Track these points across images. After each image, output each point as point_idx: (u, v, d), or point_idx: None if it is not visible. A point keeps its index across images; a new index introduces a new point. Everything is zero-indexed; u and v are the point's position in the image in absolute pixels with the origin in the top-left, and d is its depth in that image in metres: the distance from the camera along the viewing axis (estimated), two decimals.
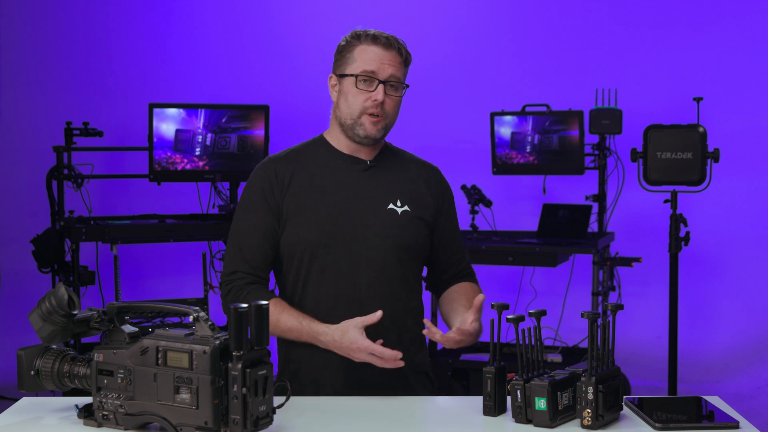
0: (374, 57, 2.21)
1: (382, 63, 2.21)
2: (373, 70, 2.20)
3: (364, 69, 2.21)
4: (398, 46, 2.24)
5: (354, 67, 2.22)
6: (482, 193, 4.97)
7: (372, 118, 2.22)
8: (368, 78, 2.21)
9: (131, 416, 1.74)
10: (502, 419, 1.90)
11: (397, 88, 2.24)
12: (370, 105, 2.21)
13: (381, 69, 2.21)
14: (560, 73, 5.65)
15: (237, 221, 2.29)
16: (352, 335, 2.07)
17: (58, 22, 5.77)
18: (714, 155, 3.99)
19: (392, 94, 2.23)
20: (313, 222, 2.23)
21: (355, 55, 2.23)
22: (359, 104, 2.22)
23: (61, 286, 1.82)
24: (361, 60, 2.21)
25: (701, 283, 5.48)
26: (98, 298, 4.66)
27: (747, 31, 5.46)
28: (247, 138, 4.78)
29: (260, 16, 5.92)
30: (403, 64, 2.26)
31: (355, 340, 2.07)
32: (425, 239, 2.31)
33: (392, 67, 2.22)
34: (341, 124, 2.27)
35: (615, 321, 1.84)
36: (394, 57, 2.22)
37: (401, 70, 2.25)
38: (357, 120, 2.23)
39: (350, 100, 2.23)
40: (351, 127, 2.25)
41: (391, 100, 2.23)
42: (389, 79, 2.22)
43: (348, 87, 2.23)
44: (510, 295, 5.34)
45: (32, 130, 5.64)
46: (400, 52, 2.24)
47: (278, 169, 2.28)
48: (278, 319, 2.17)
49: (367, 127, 2.23)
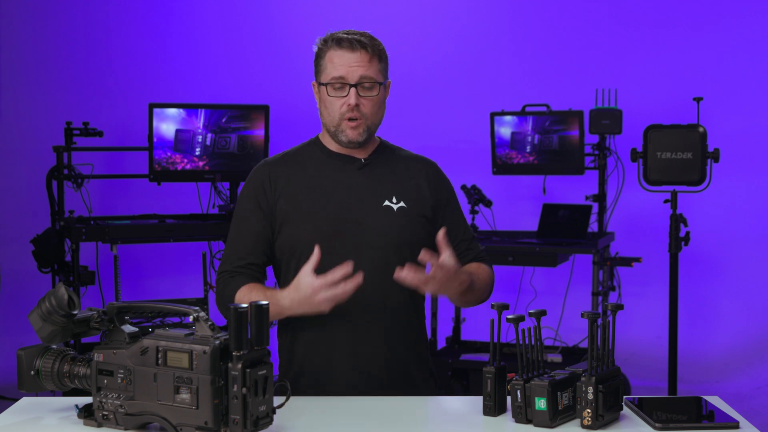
0: (341, 62, 2.20)
1: (350, 66, 2.19)
2: (341, 75, 2.19)
3: (333, 76, 2.20)
4: (365, 44, 2.20)
5: (325, 75, 2.22)
6: (482, 193, 4.97)
7: (351, 123, 2.22)
8: (340, 84, 2.20)
9: (131, 416, 1.74)
10: (502, 419, 1.90)
11: (372, 88, 2.22)
12: (346, 110, 2.21)
13: (349, 73, 2.19)
14: (560, 73, 5.65)
15: (232, 225, 2.32)
16: (305, 281, 2.05)
17: (58, 22, 5.77)
18: (714, 155, 3.99)
19: (367, 95, 2.21)
20: (310, 223, 2.23)
21: (325, 61, 2.22)
22: (336, 111, 2.22)
23: (61, 286, 1.82)
24: (330, 66, 2.21)
25: (701, 283, 5.48)
26: (98, 298, 4.66)
27: (747, 31, 5.46)
28: (247, 138, 4.78)
29: (260, 16, 5.92)
30: (377, 60, 2.22)
31: (309, 284, 2.04)
32: (425, 234, 2.29)
33: (361, 68, 2.19)
34: (328, 131, 2.29)
35: (615, 321, 1.84)
36: (362, 57, 2.20)
37: (373, 68, 2.21)
38: (338, 127, 2.23)
39: (329, 107, 2.23)
40: (334, 133, 2.25)
41: (368, 101, 2.22)
42: (360, 81, 2.20)
43: (324, 95, 2.24)
44: (510, 295, 5.35)
45: (32, 130, 5.64)
46: (368, 50, 2.21)
47: (273, 171, 2.29)
48: (249, 298, 2.16)
49: (348, 132, 2.23)
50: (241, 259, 2.26)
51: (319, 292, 2.04)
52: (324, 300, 2.05)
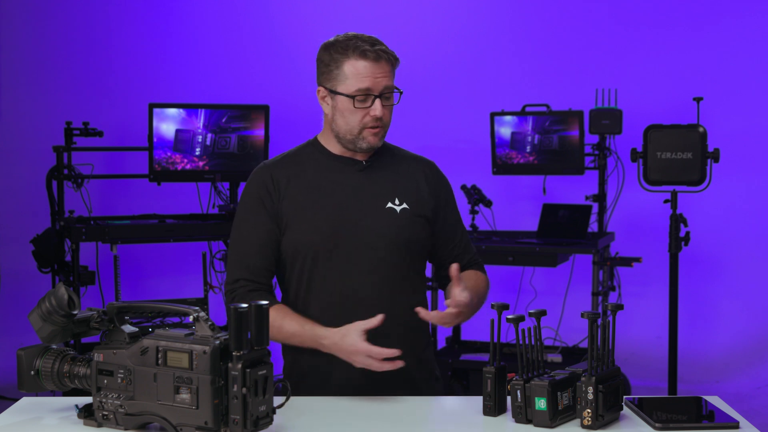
0: (366, 73, 2.17)
1: (375, 78, 2.17)
2: (368, 87, 2.17)
3: (359, 87, 2.17)
4: (388, 54, 2.19)
5: (347, 86, 2.18)
6: (482, 193, 4.97)
7: (372, 130, 2.21)
8: (364, 96, 2.18)
9: (131, 416, 1.74)
10: (502, 419, 1.90)
11: (390, 97, 2.22)
12: (370, 120, 2.20)
13: (375, 84, 2.17)
14: (560, 73, 5.65)
15: (237, 228, 2.29)
16: (352, 338, 2.07)
17: (58, 22, 5.77)
18: (714, 155, 3.99)
19: (387, 104, 2.21)
20: (312, 225, 2.23)
21: (346, 71, 2.18)
22: (358, 121, 2.20)
23: (61, 286, 1.82)
24: (354, 78, 2.17)
25: (701, 283, 5.48)
26: (98, 298, 4.66)
27: (747, 31, 5.46)
28: (247, 138, 4.78)
29: (260, 16, 5.92)
30: (393, 69, 2.23)
31: (353, 343, 2.06)
32: (426, 236, 2.30)
33: (385, 78, 2.19)
34: (339, 137, 2.26)
35: (615, 321, 1.84)
36: (384, 67, 2.19)
37: (392, 77, 2.22)
38: (358, 135, 2.22)
39: (348, 118, 2.20)
40: (352, 141, 2.23)
41: (387, 109, 2.22)
42: (384, 91, 2.19)
43: (344, 105, 2.20)
44: (510, 295, 5.35)
45: (32, 130, 5.64)
46: (390, 59, 2.20)
47: (274, 173, 2.27)
48: (281, 325, 2.16)
49: (370, 139, 2.22)
50: (254, 265, 2.23)
51: (359, 355, 2.06)
52: (359, 362, 2.07)
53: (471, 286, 2.21)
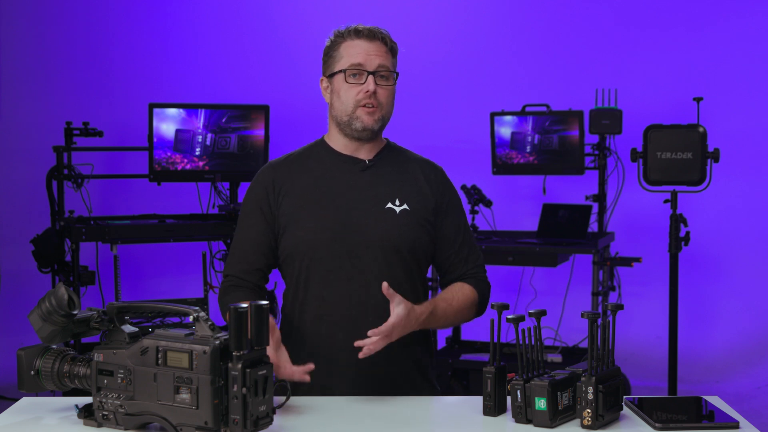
0: (360, 50, 2.22)
1: (369, 54, 2.22)
2: (360, 63, 2.22)
3: (351, 63, 2.22)
4: (382, 36, 2.25)
5: (342, 63, 2.24)
6: (482, 193, 4.97)
7: (367, 109, 2.23)
8: (357, 71, 2.22)
9: (131, 416, 1.74)
10: (502, 419, 1.90)
11: (388, 78, 2.24)
12: (363, 97, 2.22)
13: (368, 60, 2.22)
14: (560, 73, 5.66)
15: (237, 228, 2.35)
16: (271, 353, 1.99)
17: (58, 22, 5.77)
18: (714, 155, 3.99)
19: (383, 84, 2.24)
20: (312, 224, 2.23)
21: (341, 51, 2.24)
22: (352, 98, 2.23)
23: (61, 286, 1.82)
24: (348, 55, 2.23)
25: (701, 283, 5.48)
26: (98, 298, 4.66)
27: (747, 31, 5.46)
28: (247, 138, 4.78)
29: (260, 16, 5.92)
30: (390, 53, 2.27)
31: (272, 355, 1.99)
32: (428, 238, 2.29)
33: (379, 57, 2.23)
34: (338, 123, 2.28)
35: (615, 321, 1.84)
36: (379, 47, 2.24)
37: (389, 59, 2.26)
38: (352, 114, 2.23)
39: (342, 96, 2.24)
40: (348, 123, 2.25)
41: (384, 90, 2.24)
42: (378, 69, 2.22)
43: (339, 84, 2.24)
44: (510, 295, 5.35)
45: (32, 130, 5.64)
46: (385, 41, 2.25)
47: (276, 174, 2.30)
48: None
49: (364, 118, 2.23)
50: (243, 264, 2.28)
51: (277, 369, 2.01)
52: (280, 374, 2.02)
53: (438, 299, 2.21)
